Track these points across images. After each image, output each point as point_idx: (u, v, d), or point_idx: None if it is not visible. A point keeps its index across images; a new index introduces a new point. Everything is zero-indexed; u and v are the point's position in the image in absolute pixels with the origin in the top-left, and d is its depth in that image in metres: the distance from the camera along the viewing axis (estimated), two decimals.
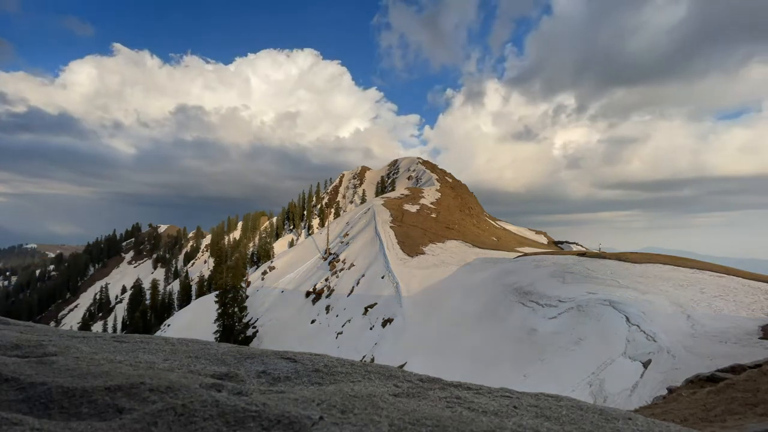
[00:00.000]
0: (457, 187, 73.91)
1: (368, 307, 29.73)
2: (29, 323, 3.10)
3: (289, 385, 2.00)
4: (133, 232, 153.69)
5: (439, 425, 1.51)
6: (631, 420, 1.85)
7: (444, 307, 24.24)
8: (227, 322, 39.98)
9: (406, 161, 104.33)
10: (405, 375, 2.40)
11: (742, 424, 3.49)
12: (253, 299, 46.83)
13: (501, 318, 18.99)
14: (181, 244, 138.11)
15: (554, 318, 16.09)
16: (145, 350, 2.43)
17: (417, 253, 36.85)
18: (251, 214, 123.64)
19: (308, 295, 40.09)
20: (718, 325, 11.74)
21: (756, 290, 14.45)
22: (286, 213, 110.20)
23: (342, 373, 2.27)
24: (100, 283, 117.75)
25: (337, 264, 42.60)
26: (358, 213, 57.32)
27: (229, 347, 2.69)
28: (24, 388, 1.52)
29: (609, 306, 14.53)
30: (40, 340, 2.25)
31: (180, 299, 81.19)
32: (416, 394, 2.01)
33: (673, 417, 4.30)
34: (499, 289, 21.92)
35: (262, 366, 2.27)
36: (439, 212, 52.56)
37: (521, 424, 1.66)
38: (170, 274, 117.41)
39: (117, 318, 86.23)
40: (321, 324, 33.27)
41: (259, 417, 1.42)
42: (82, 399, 1.48)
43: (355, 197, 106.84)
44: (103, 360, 2.04)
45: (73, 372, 1.72)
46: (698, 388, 5.50)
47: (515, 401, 2.02)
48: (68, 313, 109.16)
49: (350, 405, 1.63)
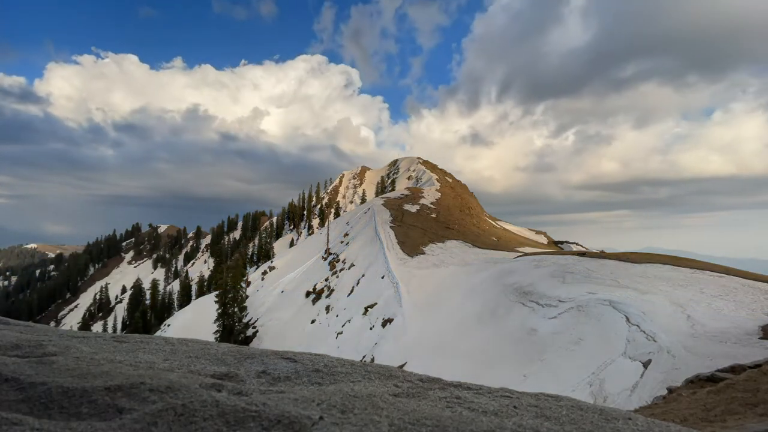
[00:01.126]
0: (457, 187, 73.90)
1: (368, 307, 29.73)
2: (29, 323, 3.10)
3: (289, 385, 2.00)
4: (133, 232, 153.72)
5: (439, 425, 1.51)
6: (631, 420, 1.85)
7: (444, 307, 24.23)
8: (227, 322, 39.99)
9: (406, 161, 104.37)
10: (405, 375, 2.40)
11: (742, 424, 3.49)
12: (253, 299, 46.83)
13: (501, 318, 18.99)
14: (181, 244, 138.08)
15: (554, 318, 16.09)
16: (145, 350, 2.43)
17: (417, 253, 36.84)
18: (251, 214, 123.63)
19: (308, 295, 40.09)
20: (718, 325, 11.74)
21: (756, 290, 14.44)
22: (286, 213, 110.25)
23: (342, 373, 2.27)
24: (100, 283, 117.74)
25: (337, 264, 42.60)
26: (358, 213, 57.32)
27: (229, 347, 2.69)
28: (24, 388, 1.52)
29: (609, 306, 14.53)
30: (40, 340, 2.25)
31: (180, 299, 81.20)
32: (416, 394, 2.01)
33: (673, 417, 4.30)
34: (499, 289, 21.92)
35: (262, 366, 2.27)
36: (439, 212, 52.56)
37: (521, 424, 1.66)
38: (170, 274, 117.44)
39: (117, 318, 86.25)
40: (321, 324, 33.27)
41: (259, 417, 1.42)
42: (82, 399, 1.48)
43: (355, 197, 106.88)
44: (103, 360, 2.04)
45: (73, 372, 1.72)
46: (698, 388, 5.50)
47: (515, 401, 2.02)
48: (68, 313, 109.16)
49: (350, 405, 1.63)
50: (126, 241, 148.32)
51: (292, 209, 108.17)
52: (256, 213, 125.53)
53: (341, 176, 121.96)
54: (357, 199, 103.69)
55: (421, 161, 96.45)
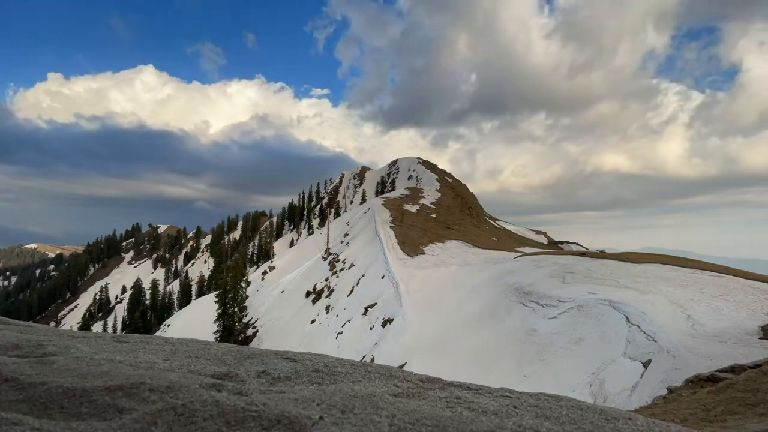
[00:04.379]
0: (457, 187, 73.90)
1: (368, 307, 29.73)
2: (29, 323, 3.10)
3: (289, 385, 2.00)
4: (132, 232, 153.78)
5: (439, 425, 1.51)
6: (631, 420, 1.85)
7: (444, 307, 24.24)
8: (227, 322, 40.01)
9: (405, 161, 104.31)
10: (405, 375, 2.40)
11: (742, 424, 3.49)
12: (253, 299, 46.84)
13: (501, 318, 18.99)
14: (181, 244, 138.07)
15: (554, 318, 16.09)
16: (145, 350, 2.43)
17: (417, 253, 36.84)
18: (251, 214, 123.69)
19: (308, 295, 40.08)
20: (718, 325, 11.74)
21: (756, 290, 14.44)
22: (286, 213, 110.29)
23: (342, 373, 2.27)
24: (100, 283, 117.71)
25: (337, 264, 42.60)
26: (358, 213, 57.33)
27: (229, 347, 2.69)
28: (24, 388, 1.52)
29: (609, 306, 14.53)
30: (40, 340, 2.25)
31: (180, 299, 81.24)
32: (416, 394, 2.01)
33: (673, 417, 4.29)
34: (499, 289, 21.92)
35: (262, 366, 2.27)
36: (439, 212, 52.56)
37: (521, 424, 1.66)
38: (170, 274, 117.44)
39: (117, 318, 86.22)
40: (321, 324, 33.27)
41: (259, 417, 1.42)
42: (82, 399, 1.48)
43: (355, 197, 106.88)
44: (103, 360, 2.04)
45: (73, 372, 1.72)
46: (698, 388, 5.50)
47: (515, 401, 2.02)
48: (68, 313, 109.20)
49: (350, 405, 1.63)
50: (126, 241, 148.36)
51: (292, 209, 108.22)
52: (256, 213, 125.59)
53: (341, 176, 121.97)
54: (357, 199, 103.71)
55: (421, 161, 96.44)
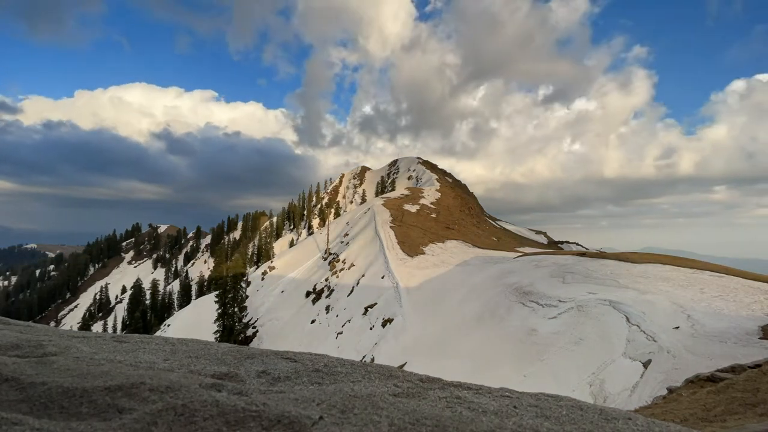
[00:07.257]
0: (457, 187, 73.92)
1: (368, 307, 29.73)
2: (29, 323, 3.10)
3: (289, 385, 2.00)
4: (132, 232, 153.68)
5: (439, 425, 1.51)
6: (631, 420, 1.85)
7: (444, 307, 24.24)
8: (227, 322, 40.01)
9: (405, 161, 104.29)
10: (405, 375, 2.40)
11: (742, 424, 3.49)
12: (253, 299, 46.82)
13: (501, 318, 18.99)
14: (181, 244, 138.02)
15: (554, 318, 16.09)
16: (145, 350, 2.43)
17: (417, 253, 36.84)
18: (251, 214, 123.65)
19: (308, 295, 40.08)
20: (718, 325, 11.74)
21: (756, 290, 14.45)
22: (286, 213, 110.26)
23: (342, 373, 2.27)
24: (100, 283, 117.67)
25: (337, 264, 42.59)
26: (358, 213, 57.31)
27: (229, 347, 2.69)
28: (24, 388, 1.52)
29: (609, 306, 14.53)
30: (40, 340, 2.25)
31: (180, 299, 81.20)
32: (416, 394, 2.01)
33: (673, 417, 4.30)
34: (500, 289, 21.92)
35: (262, 366, 2.27)
36: (439, 212, 52.55)
37: (521, 424, 1.66)
38: (170, 274, 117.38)
39: (117, 318, 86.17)
40: (321, 324, 33.27)
41: (259, 417, 1.42)
42: (82, 399, 1.48)
43: (355, 197, 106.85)
44: (103, 360, 2.05)
45: (73, 372, 1.72)
46: (698, 388, 5.50)
47: (515, 401, 2.02)
48: (68, 313, 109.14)
49: (350, 405, 1.63)
50: (126, 241, 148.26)
51: (292, 209, 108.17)
52: (255, 213, 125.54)
53: (341, 176, 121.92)
54: (357, 199, 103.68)
55: (421, 161, 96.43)
